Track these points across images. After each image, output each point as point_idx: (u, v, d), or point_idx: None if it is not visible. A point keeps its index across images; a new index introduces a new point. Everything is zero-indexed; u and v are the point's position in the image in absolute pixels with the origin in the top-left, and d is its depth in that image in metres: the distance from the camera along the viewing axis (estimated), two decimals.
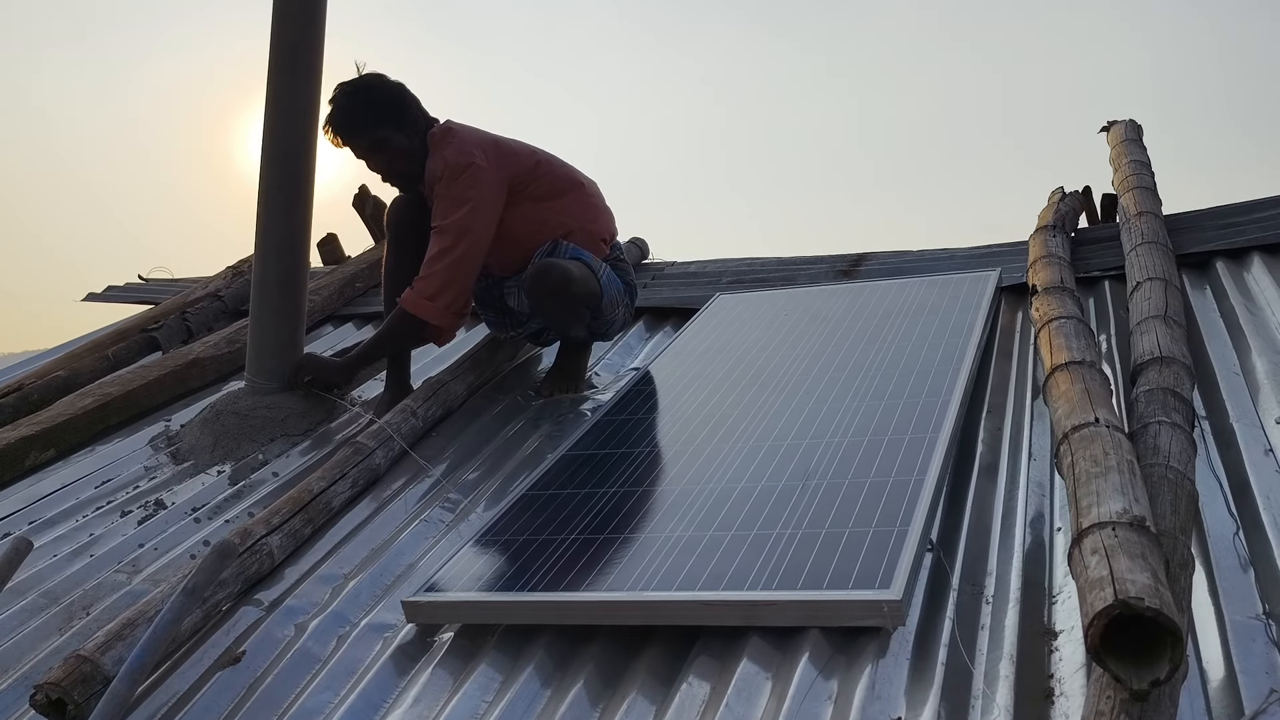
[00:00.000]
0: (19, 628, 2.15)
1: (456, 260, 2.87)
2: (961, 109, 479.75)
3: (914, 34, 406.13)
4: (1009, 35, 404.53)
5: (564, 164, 3.11)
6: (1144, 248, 2.91)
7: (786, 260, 3.97)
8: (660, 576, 1.84)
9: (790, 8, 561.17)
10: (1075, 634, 1.60)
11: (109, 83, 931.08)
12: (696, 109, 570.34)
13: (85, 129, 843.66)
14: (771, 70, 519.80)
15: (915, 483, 2.01)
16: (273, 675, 1.91)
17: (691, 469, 2.27)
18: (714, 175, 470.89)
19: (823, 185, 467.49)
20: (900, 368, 2.63)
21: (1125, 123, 4.40)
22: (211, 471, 2.84)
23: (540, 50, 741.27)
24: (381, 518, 2.45)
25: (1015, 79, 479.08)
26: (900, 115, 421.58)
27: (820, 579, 1.74)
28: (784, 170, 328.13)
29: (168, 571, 2.32)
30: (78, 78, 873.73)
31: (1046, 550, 1.86)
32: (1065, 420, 1.83)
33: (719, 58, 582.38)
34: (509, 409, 3.03)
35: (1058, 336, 2.29)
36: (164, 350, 3.80)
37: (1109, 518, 1.42)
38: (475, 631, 1.93)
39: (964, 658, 1.60)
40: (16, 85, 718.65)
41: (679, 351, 3.10)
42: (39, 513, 2.70)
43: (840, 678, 1.60)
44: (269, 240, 3.12)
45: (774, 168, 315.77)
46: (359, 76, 2.99)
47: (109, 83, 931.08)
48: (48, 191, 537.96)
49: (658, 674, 1.73)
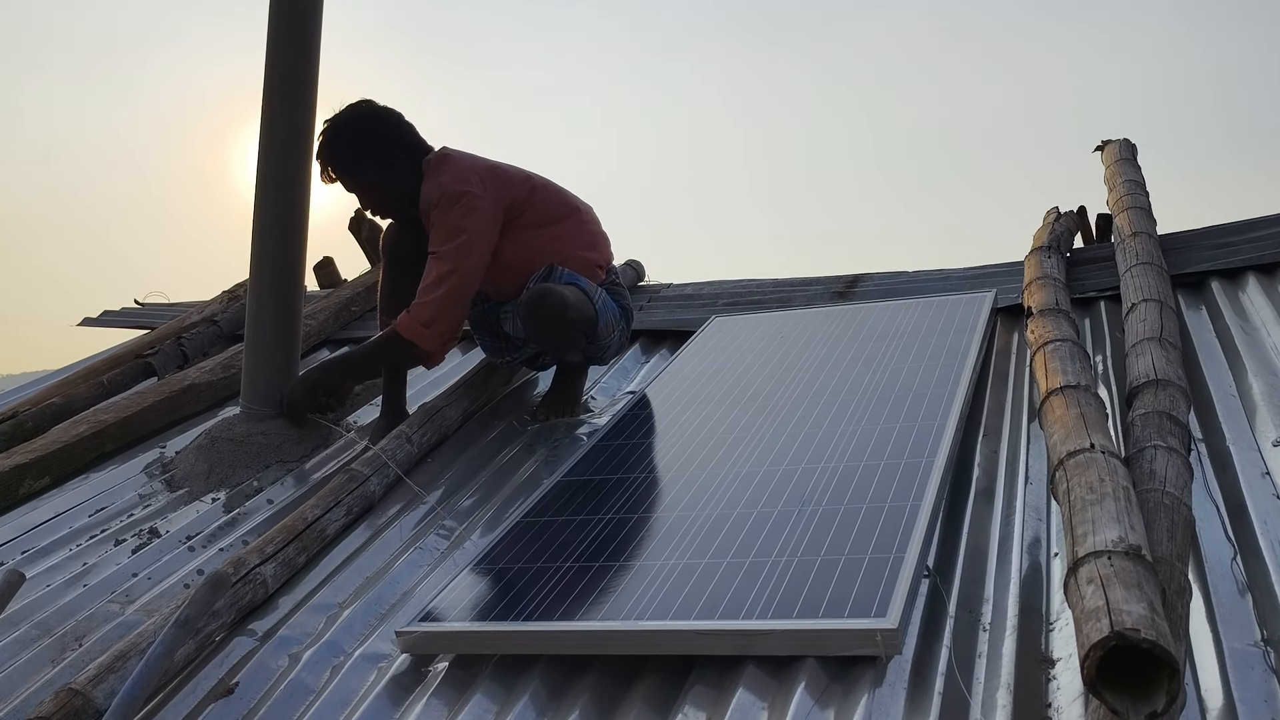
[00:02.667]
0: (11, 659, 2.13)
1: (452, 289, 2.87)
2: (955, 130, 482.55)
3: (910, 56, 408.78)
4: (1002, 57, 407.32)
5: (560, 189, 3.12)
6: (1139, 268, 2.91)
7: (782, 282, 3.98)
8: (655, 605, 1.83)
9: (785, 28, 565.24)
10: (1073, 662, 1.58)
11: (102, 107, 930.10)
12: (691, 130, 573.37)
13: (79, 153, 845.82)
14: (767, 91, 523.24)
15: (911, 508, 2.00)
16: (266, 707, 1.89)
17: (687, 495, 2.27)
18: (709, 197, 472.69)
19: (818, 206, 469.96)
20: (896, 391, 2.62)
21: (1119, 142, 4.41)
22: (206, 499, 2.83)
23: (536, 71, 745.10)
24: (376, 545, 2.43)
25: (1009, 99, 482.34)
26: (894, 135, 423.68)
27: (816, 607, 1.73)
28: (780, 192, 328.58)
29: (161, 601, 2.30)
30: (71, 102, 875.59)
31: (1043, 576, 1.85)
32: (1060, 445, 1.83)
33: (714, 79, 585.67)
34: (505, 434, 3.02)
35: (1053, 360, 2.28)
36: (159, 376, 3.79)
37: (1105, 546, 1.41)
38: (470, 661, 1.91)
39: (961, 687, 1.58)
40: (14, 109, 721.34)
41: (675, 375, 3.10)
42: (32, 542, 2.69)
43: (836, 707, 1.59)
44: (264, 266, 3.12)
45: (770, 189, 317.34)
46: (345, 111, 2.99)
47: (102, 107, 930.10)
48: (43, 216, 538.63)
49: (653, 704, 1.71)
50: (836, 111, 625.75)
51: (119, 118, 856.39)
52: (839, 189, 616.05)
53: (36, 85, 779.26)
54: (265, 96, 3.10)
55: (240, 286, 4.53)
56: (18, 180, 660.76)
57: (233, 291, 4.52)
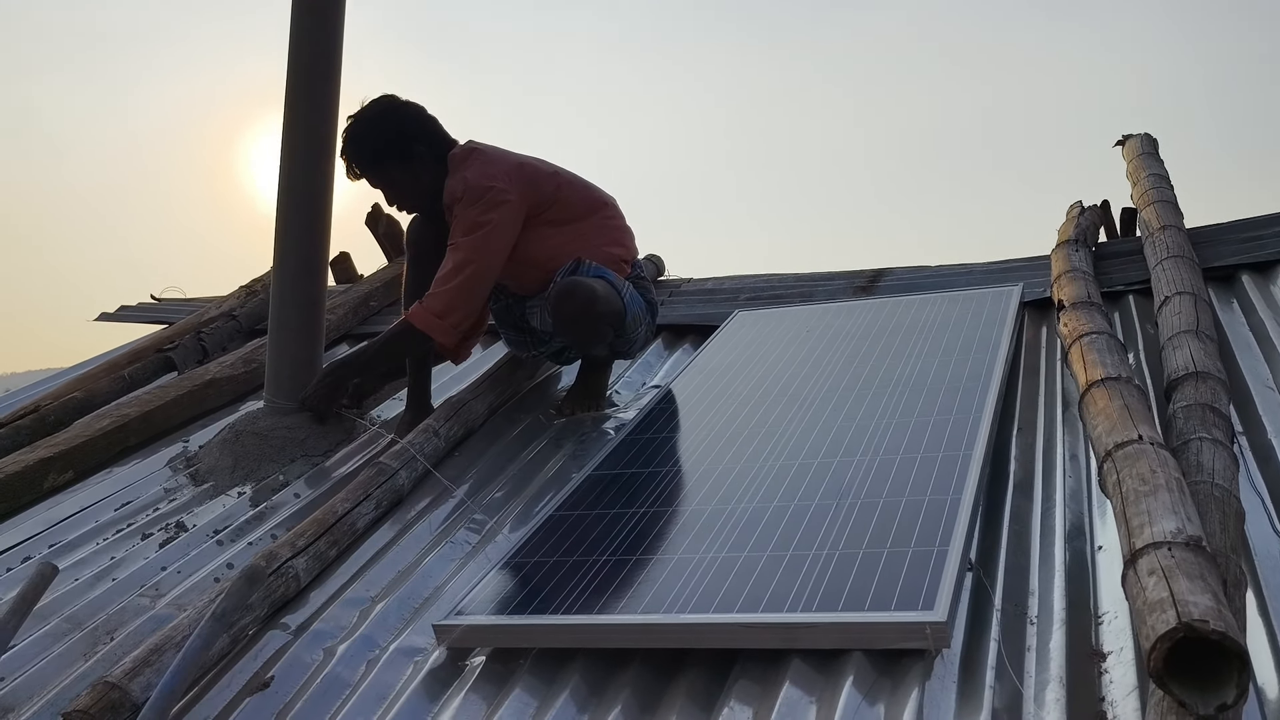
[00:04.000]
0: (43, 653, 2.12)
1: (467, 280, 2.85)
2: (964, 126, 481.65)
3: (921, 51, 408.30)
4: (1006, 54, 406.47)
5: (586, 184, 3.10)
6: (1170, 262, 2.88)
7: (804, 276, 3.96)
8: (697, 599, 1.81)
9: (798, 22, 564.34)
10: (1125, 656, 1.57)
11: (114, 104, 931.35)
12: (700, 125, 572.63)
13: (91, 150, 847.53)
14: (776, 86, 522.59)
15: (952, 501, 1.98)
16: (302, 701, 1.88)
17: (721, 488, 2.25)
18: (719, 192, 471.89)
19: (828, 203, 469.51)
20: (928, 384, 2.60)
21: (1140, 136, 4.39)
22: (232, 493, 2.82)
23: (540, 69, 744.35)
24: (406, 540, 2.42)
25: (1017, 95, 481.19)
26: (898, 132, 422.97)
27: (861, 601, 1.71)
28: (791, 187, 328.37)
29: (191, 595, 2.29)
30: (83, 99, 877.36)
31: (1089, 570, 1.83)
32: (1106, 438, 1.81)
33: (721, 73, 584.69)
34: (531, 428, 3.01)
35: (1090, 352, 2.26)
36: (180, 370, 3.78)
37: (1164, 537, 1.40)
38: (507, 655, 1.90)
39: (1013, 681, 1.57)
40: (28, 107, 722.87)
41: (701, 369, 3.08)
42: (59, 535, 2.68)
43: (886, 702, 1.57)
44: (287, 261, 3.11)
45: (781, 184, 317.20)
46: (367, 107, 2.98)
47: (114, 104, 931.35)
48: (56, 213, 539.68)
49: (696, 699, 1.70)
50: (847, 106, 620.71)
51: (129, 115, 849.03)
52: (849, 185, 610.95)
53: (47, 83, 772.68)
54: (288, 91, 3.09)
55: (258, 282, 4.52)
56: (31, 176, 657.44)
57: (250, 287, 4.50)
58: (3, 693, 1.98)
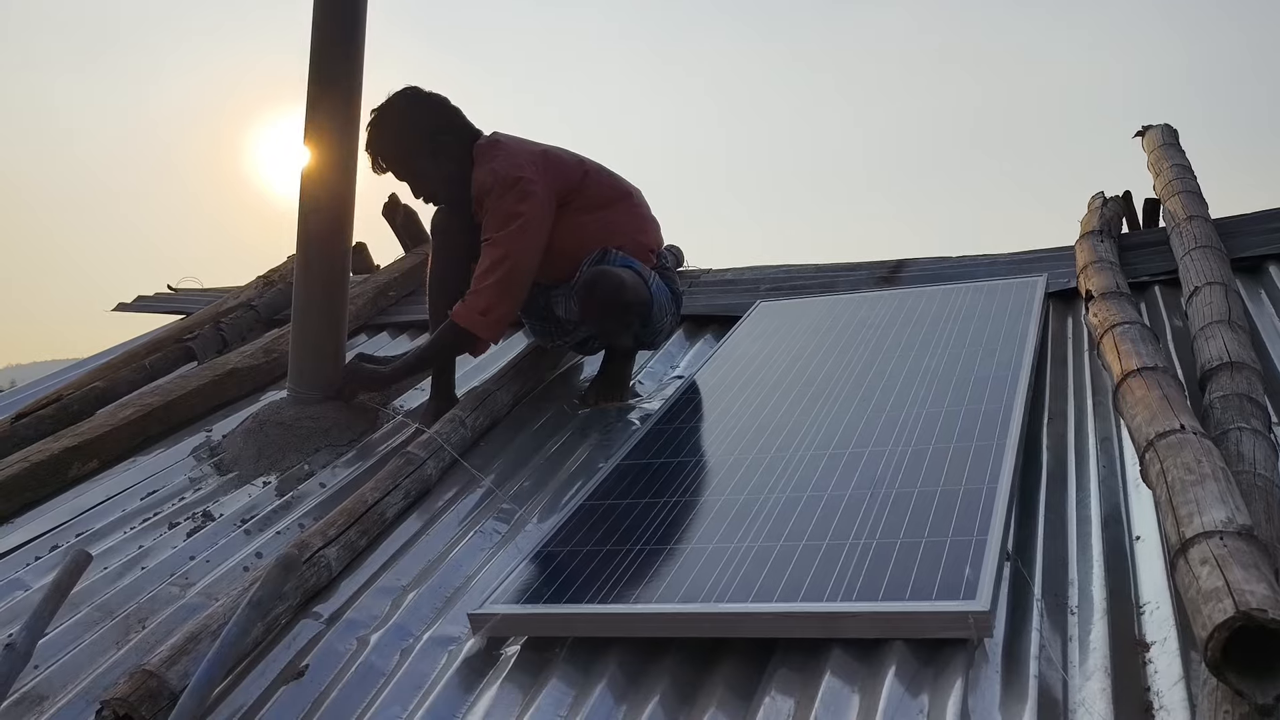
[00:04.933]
0: (75, 641, 2.12)
1: (506, 274, 2.84)
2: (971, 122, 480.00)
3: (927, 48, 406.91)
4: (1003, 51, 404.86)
5: (611, 173, 3.09)
6: (1198, 252, 2.87)
7: (825, 267, 3.94)
8: (734, 588, 1.81)
9: (819, 16, 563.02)
10: (1169, 646, 1.56)
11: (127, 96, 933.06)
12: (702, 119, 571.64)
13: (104, 143, 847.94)
14: (777, 79, 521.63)
15: (988, 491, 1.97)
16: (338, 690, 1.87)
17: (752, 478, 2.24)
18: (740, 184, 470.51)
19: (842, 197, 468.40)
20: (956, 375, 2.59)
21: (1160, 127, 4.37)
22: (257, 483, 2.81)
23: (546, 59, 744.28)
24: (436, 529, 2.42)
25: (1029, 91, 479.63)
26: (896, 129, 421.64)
27: (901, 590, 1.70)
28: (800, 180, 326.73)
29: (221, 585, 2.29)
30: (98, 91, 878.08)
31: (1128, 560, 1.83)
32: (1147, 427, 1.80)
33: (721, 68, 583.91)
34: (555, 418, 3.00)
35: (1124, 342, 2.25)
36: (199, 360, 3.78)
37: (1215, 526, 1.39)
38: (542, 644, 1.89)
39: (1057, 671, 1.56)
40: (42, 98, 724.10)
41: (725, 359, 3.07)
42: (86, 524, 2.68)
43: (930, 691, 1.56)
44: (310, 249, 3.09)
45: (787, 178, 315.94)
46: (390, 99, 2.98)
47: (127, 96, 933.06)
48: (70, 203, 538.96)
49: (736, 688, 1.69)
50: (844, 103, 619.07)
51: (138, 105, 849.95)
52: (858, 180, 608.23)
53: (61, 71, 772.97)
54: (310, 81, 3.07)
55: (275, 272, 4.51)
56: (45, 166, 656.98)
57: (267, 277, 4.50)
58: (37, 680, 1.99)
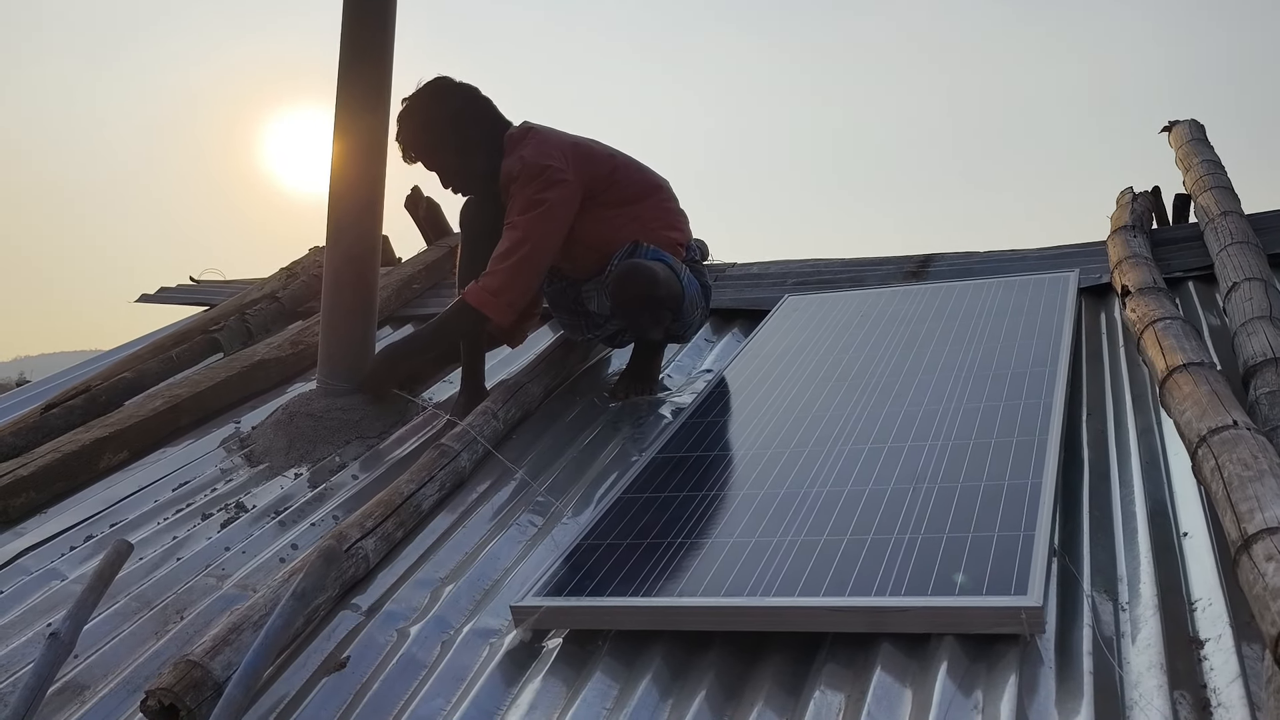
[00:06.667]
0: (114, 631, 2.12)
1: (524, 258, 2.83)
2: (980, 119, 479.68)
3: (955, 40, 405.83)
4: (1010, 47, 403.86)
5: (641, 166, 3.08)
6: (1235, 248, 2.85)
7: (851, 261, 3.93)
8: (780, 582, 1.80)
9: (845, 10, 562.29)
10: (1224, 642, 1.55)
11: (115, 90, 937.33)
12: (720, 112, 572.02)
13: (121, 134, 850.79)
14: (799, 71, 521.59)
15: (1033, 486, 1.96)
16: (379, 681, 1.87)
17: (791, 472, 2.23)
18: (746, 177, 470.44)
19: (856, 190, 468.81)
20: (993, 369, 2.58)
21: (1188, 123, 4.34)
22: (289, 474, 2.81)
23: (553, 51, 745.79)
24: (471, 521, 2.41)
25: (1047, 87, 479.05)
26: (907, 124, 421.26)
27: (950, 585, 1.69)
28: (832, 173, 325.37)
29: (257, 576, 2.29)
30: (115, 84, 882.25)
31: (1177, 555, 1.81)
32: (1198, 423, 1.78)
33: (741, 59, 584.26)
34: (586, 411, 2.99)
35: (1166, 337, 2.24)
36: (225, 352, 3.78)
37: (1278, 523, 1.37)
38: (584, 637, 1.88)
39: (1112, 667, 1.55)
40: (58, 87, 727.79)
41: (756, 353, 3.06)
42: (120, 515, 2.68)
43: (983, 687, 1.55)
44: (341, 241, 3.09)
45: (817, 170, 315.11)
46: (421, 89, 2.97)
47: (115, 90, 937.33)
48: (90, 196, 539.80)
49: (783, 683, 1.68)
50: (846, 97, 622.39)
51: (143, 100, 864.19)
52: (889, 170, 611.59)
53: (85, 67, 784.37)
54: (341, 68, 3.07)
55: (298, 264, 4.52)
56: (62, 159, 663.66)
57: (290, 269, 4.50)
58: (79, 669, 1.98)
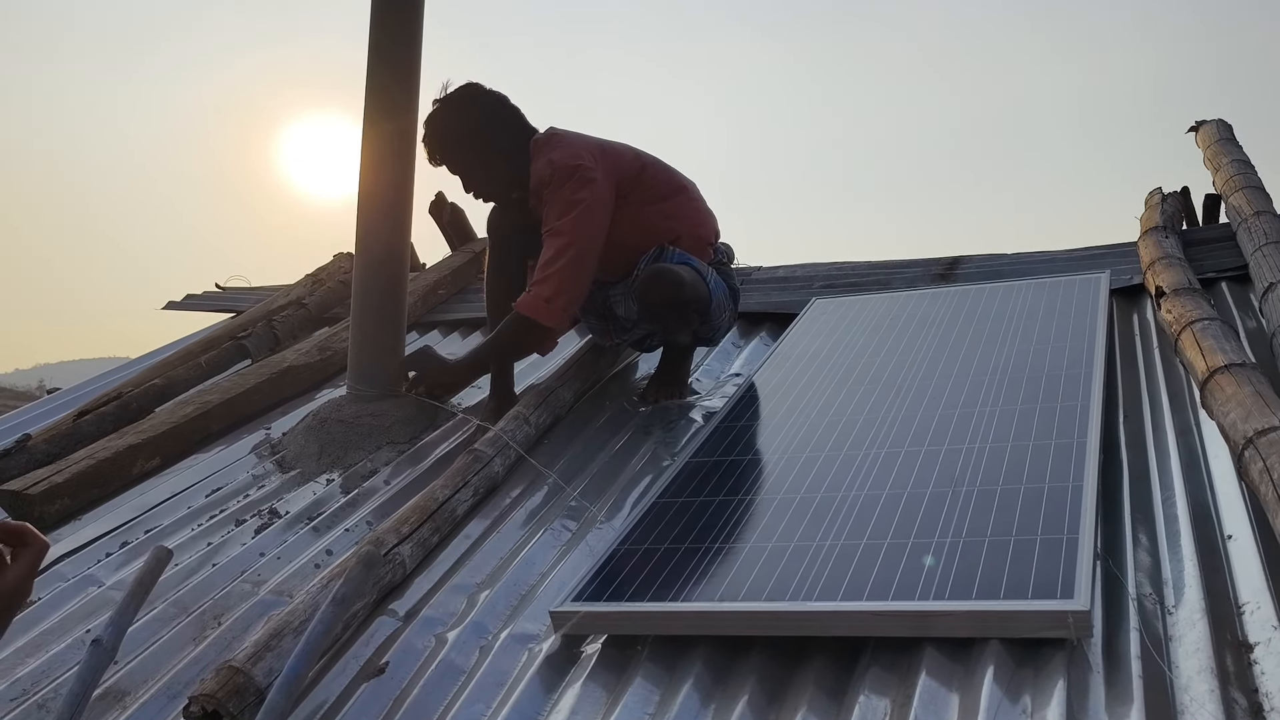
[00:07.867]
0: (153, 637, 2.13)
1: (572, 261, 2.83)
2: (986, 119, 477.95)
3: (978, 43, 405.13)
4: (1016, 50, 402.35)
5: (667, 167, 3.08)
6: (1270, 248, 2.83)
7: (878, 264, 3.91)
8: (821, 586, 1.79)
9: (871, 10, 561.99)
10: (1274, 646, 1.53)
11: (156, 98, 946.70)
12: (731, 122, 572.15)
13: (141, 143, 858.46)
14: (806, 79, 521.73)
15: (1074, 489, 1.95)
16: (419, 687, 1.87)
17: (827, 476, 2.22)
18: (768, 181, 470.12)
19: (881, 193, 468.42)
20: (1027, 372, 2.56)
21: (1215, 123, 4.31)
22: (321, 480, 2.82)
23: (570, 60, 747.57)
24: (505, 527, 2.41)
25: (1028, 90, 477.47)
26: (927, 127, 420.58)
27: (995, 589, 1.68)
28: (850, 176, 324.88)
29: (293, 582, 2.29)
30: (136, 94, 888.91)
31: (1222, 559, 1.79)
32: (1244, 424, 1.77)
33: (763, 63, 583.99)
34: (616, 415, 2.99)
35: (1205, 338, 2.22)
36: (253, 358, 3.79)
37: None
38: (623, 643, 1.88)
39: (1161, 671, 1.53)
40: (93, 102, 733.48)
41: (786, 356, 3.05)
42: (154, 521, 2.69)
43: (1031, 692, 1.54)
44: (370, 247, 3.10)
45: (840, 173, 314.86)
46: (449, 95, 2.97)
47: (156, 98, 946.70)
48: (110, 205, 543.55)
49: (826, 688, 1.67)
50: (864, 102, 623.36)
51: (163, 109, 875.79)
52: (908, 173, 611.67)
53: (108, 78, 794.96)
54: (369, 76, 3.08)
55: (323, 270, 4.53)
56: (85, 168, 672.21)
57: (316, 275, 4.52)
58: (119, 675, 1.99)
